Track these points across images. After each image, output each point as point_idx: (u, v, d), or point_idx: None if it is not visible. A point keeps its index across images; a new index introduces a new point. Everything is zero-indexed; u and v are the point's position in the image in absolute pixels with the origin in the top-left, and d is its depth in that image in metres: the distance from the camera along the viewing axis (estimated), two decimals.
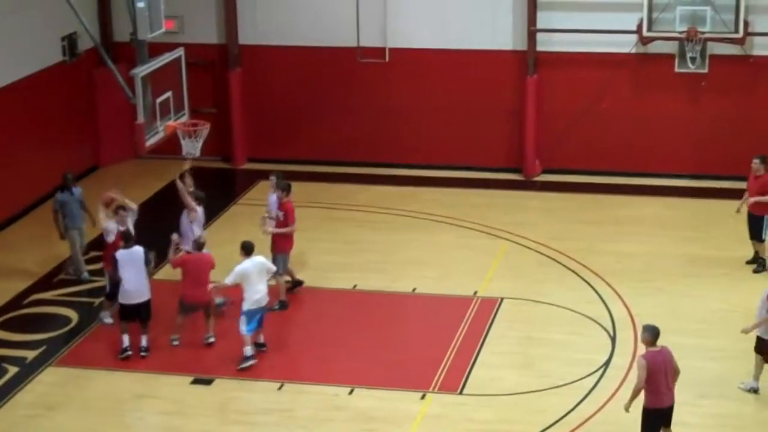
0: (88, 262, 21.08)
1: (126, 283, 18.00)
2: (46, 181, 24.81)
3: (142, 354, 18.17)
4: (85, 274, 21.03)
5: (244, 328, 17.70)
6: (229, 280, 17.73)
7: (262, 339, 18.17)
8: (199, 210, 19.96)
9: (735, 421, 16.17)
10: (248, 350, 17.72)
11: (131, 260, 18.00)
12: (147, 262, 18.21)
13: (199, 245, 18.47)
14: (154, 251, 18.70)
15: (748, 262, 20.89)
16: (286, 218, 19.75)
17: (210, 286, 18.12)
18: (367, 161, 26.42)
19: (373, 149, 26.51)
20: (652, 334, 14.79)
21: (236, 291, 18.16)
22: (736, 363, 17.56)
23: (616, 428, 16.01)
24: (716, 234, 22.43)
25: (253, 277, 17.65)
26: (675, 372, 14.95)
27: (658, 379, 14.75)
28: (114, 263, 18.12)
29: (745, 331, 16.68)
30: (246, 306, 17.68)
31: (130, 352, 18.16)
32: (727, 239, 21.93)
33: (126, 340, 18.19)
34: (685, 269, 20.97)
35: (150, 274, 18.45)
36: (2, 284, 20.82)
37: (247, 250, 17.86)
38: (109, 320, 19.21)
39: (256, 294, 17.67)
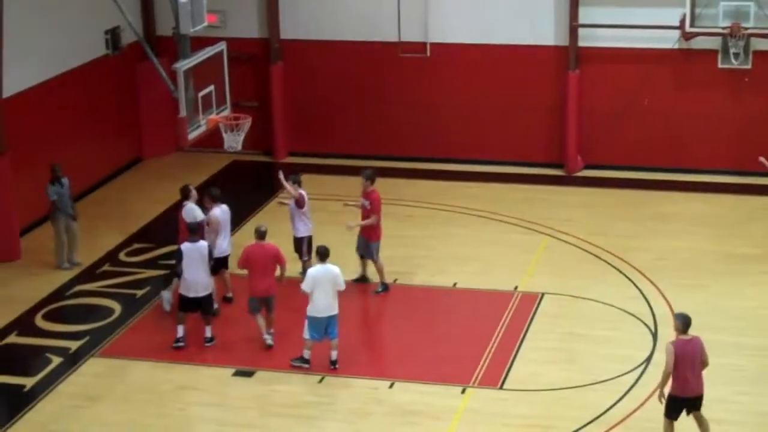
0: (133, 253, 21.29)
1: (188, 275, 18.06)
2: (90, 174, 25.09)
3: (207, 344, 18.29)
4: (66, 264, 21.22)
5: (306, 333, 17.51)
6: (305, 287, 17.38)
7: (334, 356, 17.62)
8: (218, 210, 19.66)
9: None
10: (306, 353, 17.58)
11: (196, 254, 18.04)
12: (211, 260, 18.27)
13: (260, 234, 18.21)
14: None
15: None
16: (372, 207, 19.82)
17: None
18: (408, 156, 26.45)
19: (413, 144, 26.54)
20: (682, 322, 14.84)
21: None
22: None
23: (657, 425, 15.91)
24: (757, 231, 22.30)
25: (321, 284, 17.36)
26: (703, 363, 14.94)
27: (685, 367, 14.79)
28: (179, 256, 18.16)
29: None
30: (309, 312, 17.47)
31: (182, 343, 18.26)
32: (766, 236, 21.79)
33: (181, 330, 18.30)
34: (725, 266, 20.88)
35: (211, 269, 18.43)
36: (46, 275, 21.03)
37: (321, 255, 17.54)
38: (168, 306, 19.31)
39: (318, 301, 17.39)
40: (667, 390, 14.94)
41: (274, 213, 23.69)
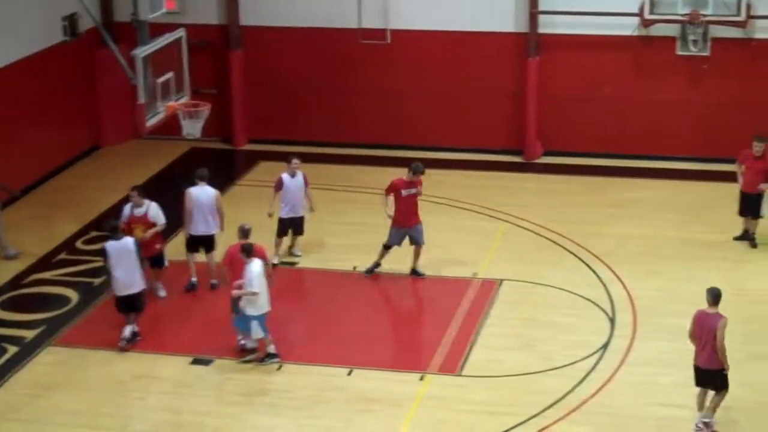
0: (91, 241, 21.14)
1: (119, 274, 17.65)
2: (48, 161, 24.90)
3: (134, 340, 17.99)
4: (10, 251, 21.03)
5: (260, 333, 17.24)
6: (254, 288, 16.98)
7: (273, 349, 17.44)
8: (196, 189, 19.49)
9: (733, 403, 16.11)
10: (271, 348, 17.37)
11: (123, 251, 17.66)
12: (139, 257, 17.83)
13: (244, 233, 17.57)
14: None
15: (736, 239, 20.93)
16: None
17: (235, 292, 17.28)
18: (368, 143, 26.40)
19: (373, 131, 26.49)
20: (711, 295, 15.36)
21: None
22: (734, 345, 17.51)
23: (615, 410, 16.06)
24: (715, 217, 22.40)
25: (262, 281, 17.13)
26: (715, 342, 15.22)
27: (697, 337, 15.41)
28: (105, 255, 17.75)
29: None
30: (256, 312, 17.18)
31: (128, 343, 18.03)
32: (727, 222, 21.91)
33: (127, 331, 17.99)
34: (684, 252, 20.97)
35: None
36: (2, 264, 20.84)
37: (248, 252, 17.19)
38: (163, 293, 19.23)
39: (263, 297, 17.17)
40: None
41: (235, 200, 23.61)
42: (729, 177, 23.30)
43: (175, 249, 20.47)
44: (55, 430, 15.97)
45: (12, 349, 17.97)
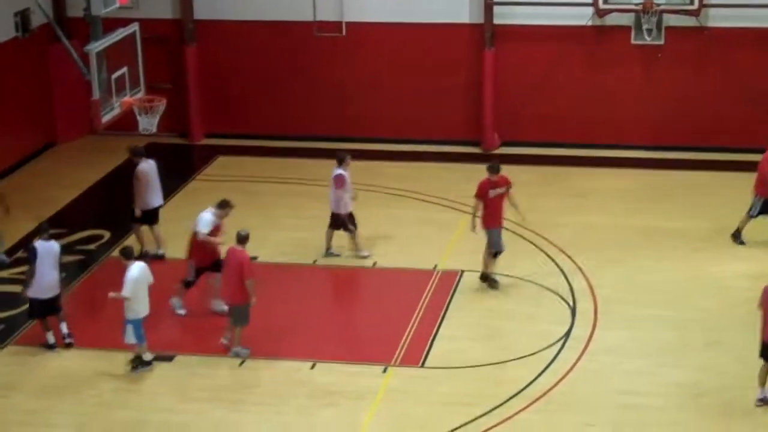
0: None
1: (41, 277, 17.46)
2: (2, 159, 24.64)
3: (67, 341, 17.80)
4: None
5: (132, 339, 16.92)
6: (126, 293, 16.68)
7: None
8: (145, 164, 19.86)
9: (692, 389, 16.28)
10: (147, 356, 17.19)
11: (51, 253, 17.54)
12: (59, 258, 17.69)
13: (239, 238, 17.22)
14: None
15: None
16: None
17: (111, 295, 16.91)
18: (325, 136, 26.32)
19: (330, 124, 26.43)
20: None
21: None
22: (692, 333, 17.75)
23: (577, 399, 16.13)
24: (674, 206, 22.57)
25: (141, 285, 16.88)
26: None
27: (762, 310, 15.59)
28: (33, 255, 17.50)
29: None
30: (133, 315, 16.85)
31: (56, 348, 17.78)
32: (684, 211, 22.10)
33: (50, 337, 17.78)
34: (643, 240, 21.10)
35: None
36: None
37: (128, 254, 16.96)
38: (181, 311, 18.69)
39: (141, 302, 16.88)
40: None
41: (193, 196, 23.52)
42: (684, 165, 23.54)
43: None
44: (13, 429, 15.81)
45: None
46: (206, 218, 18.31)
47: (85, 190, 23.77)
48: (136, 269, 16.85)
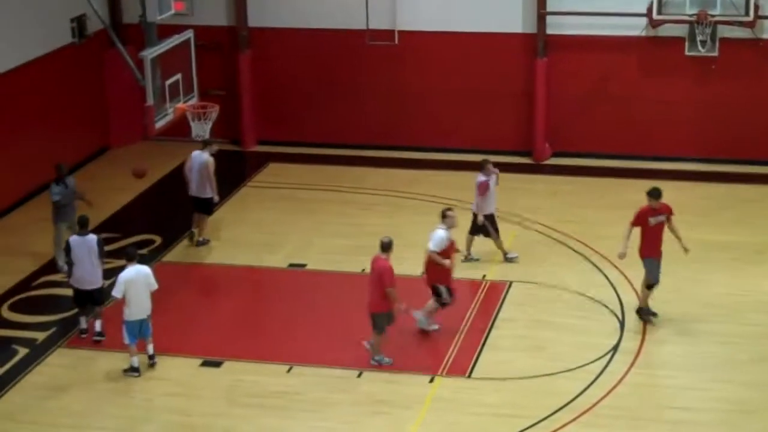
0: None
1: (76, 268, 17.89)
2: (55, 164, 24.85)
3: (95, 339, 18.11)
4: (65, 266, 20.94)
5: (126, 339, 17.16)
6: (116, 293, 16.98)
7: (150, 350, 17.40)
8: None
9: (741, 406, 16.15)
10: (134, 361, 17.24)
11: (84, 248, 17.84)
12: (101, 253, 17.98)
13: (382, 246, 17.19)
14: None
15: None
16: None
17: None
18: (376, 144, 26.40)
19: (381, 132, 26.48)
20: None
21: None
22: (742, 348, 17.60)
23: (625, 412, 16.04)
24: (724, 218, 22.39)
25: (135, 286, 16.97)
26: None
27: None
28: (68, 248, 17.94)
29: None
30: (127, 316, 17.04)
31: (84, 335, 18.22)
32: (735, 224, 21.92)
33: (83, 321, 18.30)
34: (694, 254, 20.79)
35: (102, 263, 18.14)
36: (12, 266, 20.87)
37: (128, 256, 17.16)
38: (426, 325, 18.34)
39: (134, 304, 17.00)
40: None
41: (245, 202, 23.69)
42: (735, 178, 23.34)
43: (181, 251, 20.55)
44: (62, 431, 15.96)
45: (22, 351, 17.99)
46: (438, 236, 18.08)
47: (137, 195, 23.96)
48: (132, 271, 17.00)
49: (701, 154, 25.32)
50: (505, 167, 25.24)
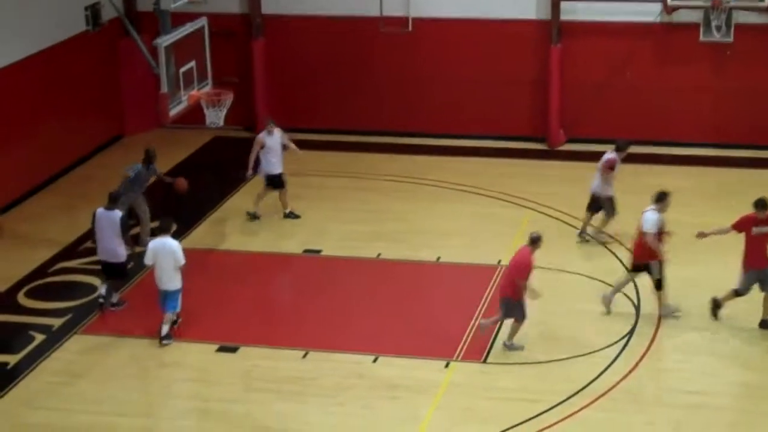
0: None
1: (99, 241, 18.53)
2: (71, 151, 24.97)
3: (111, 308, 18.65)
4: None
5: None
6: (146, 260, 17.65)
7: (164, 330, 17.70)
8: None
9: (757, 391, 16.14)
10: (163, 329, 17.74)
11: (106, 222, 18.34)
12: (124, 231, 18.37)
13: (532, 240, 17.17)
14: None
15: None
16: None
17: None
18: (391, 131, 26.40)
19: (396, 119, 26.48)
20: None
21: None
22: (756, 333, 17.58)
23: (640, 397, 16.05)
24: (741, 204, 22.18)
25: (159, 257, 17.46)
26: None
27: None
28: (93, 220, 18.58)
29: None
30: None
31: (102, 300, 18.69)
32: (750, 209, 21.79)
33: (103, 289, 18.79)
34: (710, 240, 20.82)
35: (128, 243, 18.53)
36: (28, 253, 20.94)
37: (163, 228, 17.68)
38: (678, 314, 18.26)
39: (156, 273, 17.63)
40: None
41: (254, 190, 23.67)
42: (750, 163, 23.29)
43: (196, 238, 20.59)
44: (81, 417, 16.02)
45: (39, 338, 18.05)
46: (650, 218, 18.02)
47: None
48: (158, 242, 17.52)
49: (716, 139, 25.27)
50: (519, 153, 25.48)
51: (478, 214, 22.27)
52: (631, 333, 17.68)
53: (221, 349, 17.53)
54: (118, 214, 18.38)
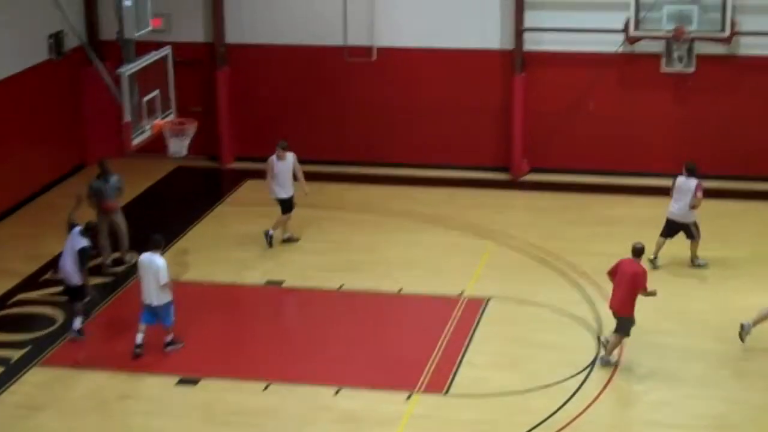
0: None
1: (61, 262, 18.69)
2: (33, 179, 24.82)
3: (72, 335, 18.72)
4: (108, 263, 21.22)
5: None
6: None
7: (138, 339, 18.15)
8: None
9: (718, 421, 16.18)
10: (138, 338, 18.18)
11: (68, 244, 18.55)
12: (82, 263, 18.45)
13: (636, 251, 17.66)
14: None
15: None
16: None
17: None
18: (355, 161, 26.40)
19: (360, 149, 26.49)
20: None
21: None
22: (721, 364, 17.63)
23: (602, 429, 16.05)
24: (703, 234, 22.38)
25: (144, 271, 17.91)
26: None
27: None
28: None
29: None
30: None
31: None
32: (713, 239, 21.94)
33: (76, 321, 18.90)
34: (671, 270, 20.98)
35: (82, 275, 18.61)
36: None
37: (153, 244, 18.03)
38: None
39: (142, 287, 18.02)
40: None
41: (222, 219, 23.64)
42: (713, 194, 23.36)
43: None
44: None
45: None
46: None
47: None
48: (146, 257, 17.93)
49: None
50: (483, 183, 25.51)
51: (440, 245, 22.27)
52: (592, 364, 17.69)
53: (181, 382, 17.40)
54: (81, 243, 18.35)
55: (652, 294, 17.57)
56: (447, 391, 17.07)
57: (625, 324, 17.54)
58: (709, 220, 22.47)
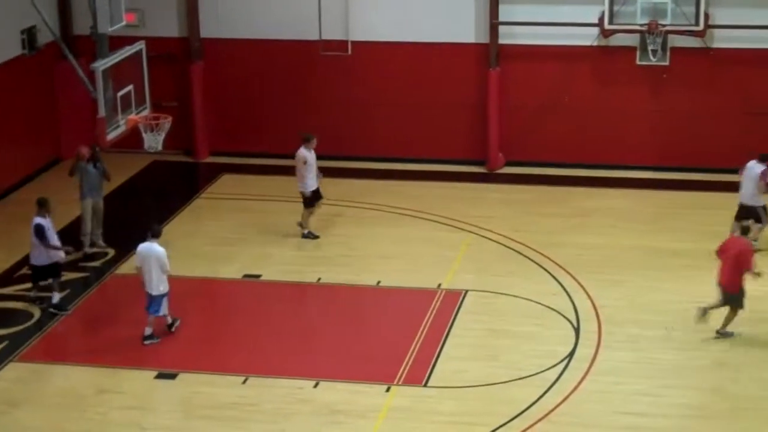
0: None
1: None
2: (8, 175, 24.68)
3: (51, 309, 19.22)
4: (86, 248, 21.32)
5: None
6: (136, 261, 18.30)
7: (147, 331, 18.35)
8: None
9: (696, 411, 16.26)
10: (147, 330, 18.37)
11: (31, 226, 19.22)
12: (40, 238, 19.02)
13: (742, 229, 18.25)
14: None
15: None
16: None
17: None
18: (331, 155, 26.29)
19: (336, 142, 26.40)
20: None
21: None
22: (697, 354, 17.72)
23: (580, 419, 16.10)
24: (677, 226, 22.55)
25: (145, 260, 18.09)
26: None
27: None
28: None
29: None
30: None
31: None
32: (689, 231, 22.08)
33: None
34: (647, 261, 21.08)
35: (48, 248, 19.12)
36: None
37: (152, 233, 18.31)
38: None
39: (144, 276, 18.19)
40: None
41: (198, 213, 23.58)
42: (688, 186, 23.56)
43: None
44: None
45: None
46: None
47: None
48: (145, 246, 18.14)
49: (653, 162, 25.51)
50: (459, 176, 25.54)
51: (418, 238, 22.28)
52: (570, 356, 17.74)
53: (160, 376, 17.35)
54: (34, 221, 19.01)
55: (758, 275, 17.77)
56: (426, 383, 17.09)
57: (737, 299, 17.85)
58: (684, 213, 22.62)
